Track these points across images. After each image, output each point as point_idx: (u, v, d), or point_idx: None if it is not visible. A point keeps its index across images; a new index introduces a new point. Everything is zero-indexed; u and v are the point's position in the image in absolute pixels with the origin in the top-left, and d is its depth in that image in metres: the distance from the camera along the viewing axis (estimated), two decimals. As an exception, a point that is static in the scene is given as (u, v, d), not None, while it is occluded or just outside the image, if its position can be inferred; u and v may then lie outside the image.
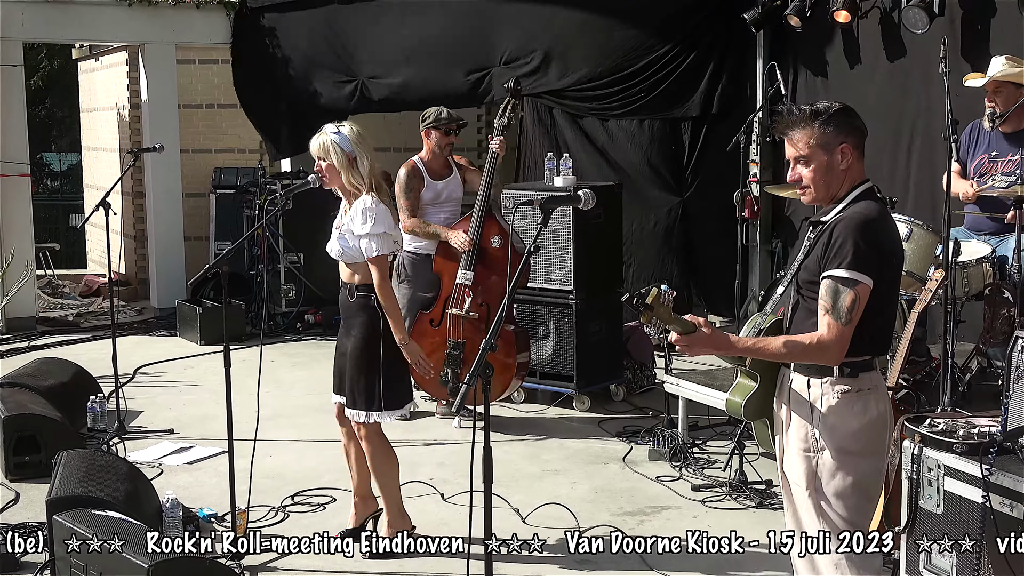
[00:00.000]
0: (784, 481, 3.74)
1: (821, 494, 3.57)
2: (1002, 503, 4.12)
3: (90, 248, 14.96)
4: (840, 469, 3.56)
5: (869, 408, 3.56)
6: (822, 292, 3.46)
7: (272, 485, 6.16)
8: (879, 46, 8.25)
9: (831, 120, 3.51)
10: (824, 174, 3.54)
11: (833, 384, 3.53)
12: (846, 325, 3.41)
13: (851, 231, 3.43)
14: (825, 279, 3.45)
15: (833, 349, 3.44)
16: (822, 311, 3.45)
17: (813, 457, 3.57)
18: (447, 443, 7.11)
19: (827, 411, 3.54)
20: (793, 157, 3.57)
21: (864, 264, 3.41)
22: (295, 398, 8.06)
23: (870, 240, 3.44)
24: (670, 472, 6.43)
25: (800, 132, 3.53)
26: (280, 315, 10.62)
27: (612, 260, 8.01)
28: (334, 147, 5.15)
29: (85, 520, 4.53)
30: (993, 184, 6.29)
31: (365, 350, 5.22)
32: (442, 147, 7.28)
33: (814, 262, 3.53)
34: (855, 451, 3.56)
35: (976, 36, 7.38)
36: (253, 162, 12.21)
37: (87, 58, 14.40)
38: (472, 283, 7.08)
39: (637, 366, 8.15)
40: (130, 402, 7.72)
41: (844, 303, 3.41)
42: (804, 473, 3.59)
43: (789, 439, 3.63)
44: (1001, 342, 5.67)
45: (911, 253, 5.87)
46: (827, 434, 3.54)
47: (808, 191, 3.59)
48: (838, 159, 3.53)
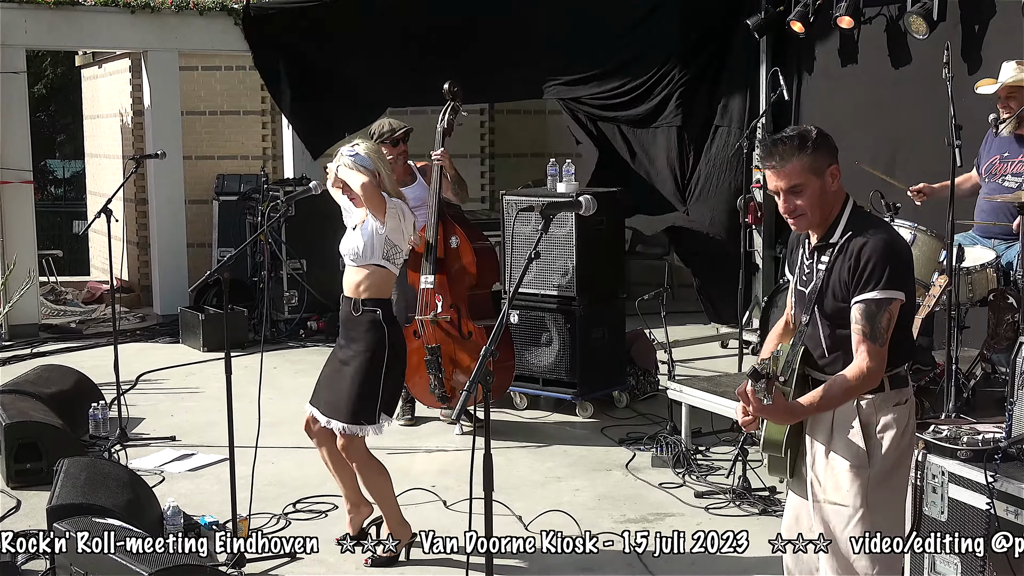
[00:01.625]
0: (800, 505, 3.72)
1: (875, 511, 3.56)
2: (1007, 510, 4.11)
3: (93, 255, 14.97)
4: (892, 483, 3.58)
5: (911, 416, 3.63)
6: (856, 316, 3.47)
7: (274, 492, 6.15)
8: (883, 52, 8.24)
9: (817, 146, 3.53)
10: (819, 199, 3.55)
11: (887, 398, 3.56)
12: (883, 346, 3.46)
13: (880, 252, 3.46)
14: (859, 303, 3.47)
15: (878, 373, 3.49)
16: (858, 336, 3.47)
17: (867, 473, 3.55)
18: (449, 449, 7.09)
19: (883, 427, 3.55)
20: (784, 189, 3.55)
21: (897, 281, 3.46)
22: (297, 405, 8.00)
23: (897, 257, 3.50)
24: (673, 479, 6.41)
25: (791, 163, 3.52)
26: (283, 322, 10.61)
27: (614, 266, 7.99)
28: (357, 171, 5.12)
29: (86, 527, 4.51)
30: (1003, 183, 6.28)
31: (369, 367, 5.16)
32: (396, 158, 7.30)
33: (840, 287, 3.53)
34: (904, 461, 3.62)
35: (977, 40, 7.37)
36: (256, 169, 12.22)
37: (90, 65, 14.43)
38: (434, 287, 7.15)
39: (640, 372, 8.13)
40: (132, 409, 7.71)
41: (882, 324, 3.45)
42: (856, 491, 3.56)
43: (831, 461, 3.60)
44: (1005, 348, 5.65)
45: (915, 259, 5.84)
46: (883, 449, 3.55)
47: (803, 219, 3.58)
48: (829, 181, 3.56)
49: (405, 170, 7.40)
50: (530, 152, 13.39)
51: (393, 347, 5.21)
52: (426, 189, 7.34)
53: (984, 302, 5.91)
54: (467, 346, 7.18)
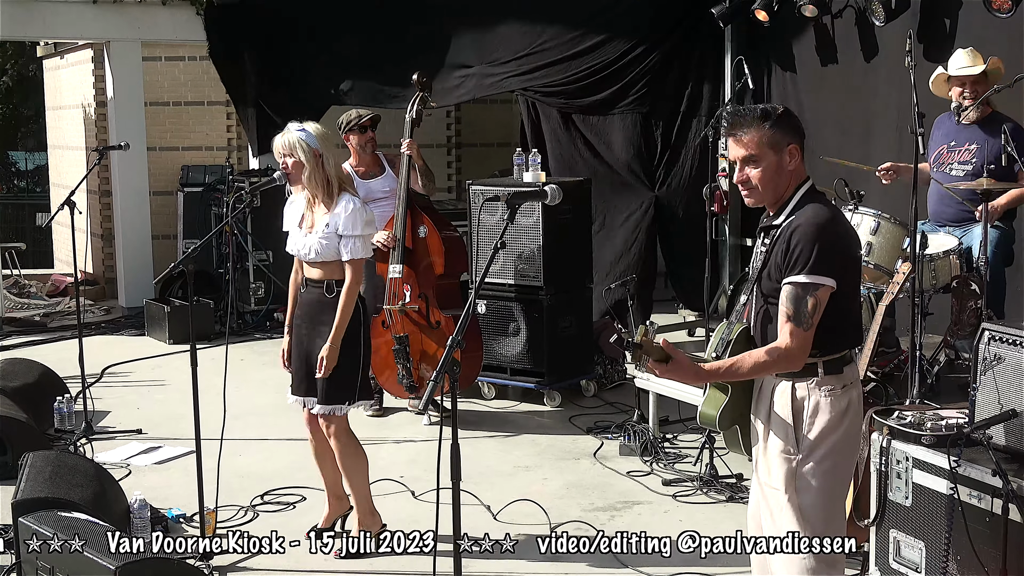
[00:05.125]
0: (757, 486, 3.75)
1: (802, 495, 3.58)
2: (970, 495, 4.15)
3: (57, 247, 14.84)
4: (821, 468, 3.57)
5: (852, 402, 3.60)
6: (783, 299, 3.48)
7: (241, 484, 6.13)
8: (849, 42, 8.26)
9: (779, 121, 3.54)
10: (773, 175, 3.55)
11: (820, 384, 3.55)
12: (808, 330, 3.45)
13: (809, 236, 3.45)
14: (786, 285, 3.47)
15: (798, 355, 3.48)
16: (783, 318, 3.47)
17: (794, 458, 3.57)
18: (417, 440, 7.09)
19: (813, 411, 3.55)
20: (741, 158, 3.57)
21: (824, 267, 3.44)
22: (265, 396, 8.02)
23: (829, 242, 3.46)
24: (641, 467, 6.44)
25: (750, 132, 3.53)
26: (249, 313, 10.57)
27: (581, 255, 8.00)
28: (301, 144, 5.13)
29: (51, 522, 4.49)
30: (950, 172, 6.35)
31: (350, 348, 5.18)
32: (363, 146, 7.29)
33: (775, 269, 3.54)
34: (837, 447, 3.58)
35: (941, 30, 7.42)
36: (221, 160, 12.15)
37: (52, 56, 14.28)
38: (403, 276, 7.16)
39: (607, 361, 8.16)
40: (98, 402, 7.66)
41: (806, 309, 3.44)
42: (784, 475, 3.59)
43: (768, 443, 3.64)
44: (968, 334, 5.70)
45: (878, 246, 5.90)
46: (812, 434, 3.55)
47: (755, 192, 3.59)
48: (786, 159, 3.56)
49: (374, 160, 7.39)
50: (496, 142, 13.38)
51: (366, 327, 5.28)
52: (395, 180, 7.33)
53: (947, 289, 5.96)
54: (435, 335, 7.18)
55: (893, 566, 4.49)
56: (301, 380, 5.32)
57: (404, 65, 9.24)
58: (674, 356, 3.44)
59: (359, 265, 5.20)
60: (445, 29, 9.77)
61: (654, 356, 3.42)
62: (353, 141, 7.30)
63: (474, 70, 9.69)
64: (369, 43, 9.97)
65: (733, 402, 3.69)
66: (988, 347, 4.34)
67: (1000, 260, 6.26)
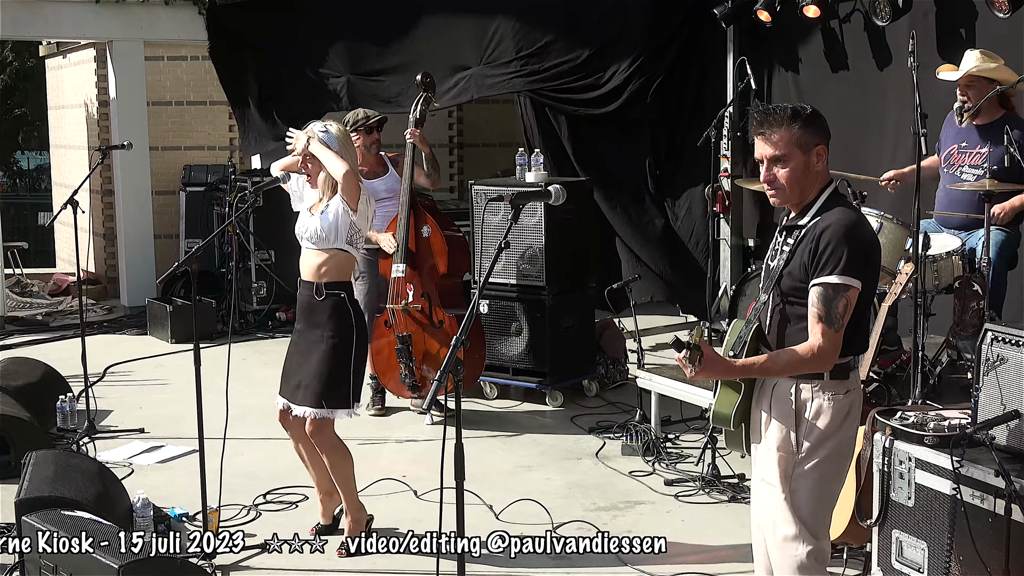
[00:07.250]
0: (757, 483, 3.75)
1: (797, 494, 3.58)
2: (972, 495, 4.15)
3: (59, 247, 14.84)
4: (818, 469, 3.57)
5: (854, 406, 3.61)
6: (813, 299, 3.47)
7: (244, 484, 6.13)
8: (853, 43, 8.24)
9: (808, 121, 3.54)
10: (800, 175, 3.54)
11: (824, 388, 3.55)
12: (839, 331, 3.45)
13: (839, 237, 3.44)
14: (816, 286, 3.46)
15: (829, 355, 3.48)
16: (814, 319, 3.46)
17: (792, 459, 3.58)
18: (420, 440, 7.09)
19: (815, 413, 3.55)
20: (768, 157, 3.55)
21: (854, 269, 3.44)
22: (267, 396, 7.98)
23: (858, 245, 3.47)
24: (643, 467, 6.44)
25: (779, 132, 3.52)
26: (251, 313, 10.57)
27: (584, 255, 8.00)
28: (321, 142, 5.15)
29: (54, 521, 4.49)
30: (960, 175, 6.33)
31: (339, 350, 5.17)
32: (368, 146, 7.30)
33: (799, 269, 3.53)
34: (835, 450, 3.59)
35: (947, 30, 7.41)
36: (223, 159, 12.14)
37: (55, 55, 14.29)
38: (406, 275, 7.17)
39: (610, 361, 8.16)
40: (100, 401, 7.67)
41: (837, 309, 3.44)
42: (780, 475, 3.60)
43: (767, 442, 3.64)
44: (971, 335, 5.70)
45: (882, 247, 5.88)
46: (811, 437, 3.56)
47: (781, 192, 3.58)
48: (814, 160, 3.55)
49: (378, 160, 7.40)
50: (499, 142, 13.37)
51: (359, 331, 5.24)
52: (398, 180, 7.34)
53: (950, 289, 5.96)
54: (438, 335, 7.19)
55: (895, 566, 4.49)
56: (291, 380, 5.33)
57: (405, 66, 9.26)
58: (707, 353, 3.45)
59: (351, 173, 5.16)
60: (446, 29, 9.77)
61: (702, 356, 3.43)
62: (359, 142, 7.31)
63: (474, 71, 9.69)
64: (370, 44, 9.97)
65: (744, 401, 3.68)
66: (991, 348, 4.34)
67: (1004, 263, 6.23)
